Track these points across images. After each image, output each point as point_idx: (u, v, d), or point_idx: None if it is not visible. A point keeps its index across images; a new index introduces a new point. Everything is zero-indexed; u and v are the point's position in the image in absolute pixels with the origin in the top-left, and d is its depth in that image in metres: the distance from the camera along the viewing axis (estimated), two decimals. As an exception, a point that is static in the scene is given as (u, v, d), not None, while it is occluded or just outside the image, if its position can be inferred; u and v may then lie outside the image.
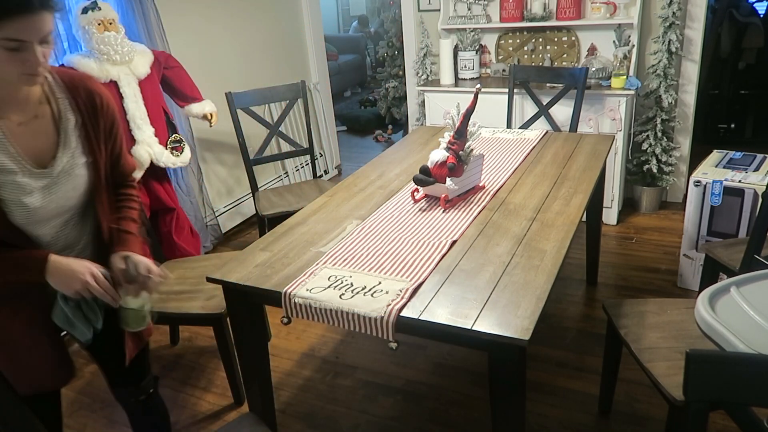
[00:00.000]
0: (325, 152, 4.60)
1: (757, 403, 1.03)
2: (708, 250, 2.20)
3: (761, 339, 1.20)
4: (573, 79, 2.98)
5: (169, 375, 2.43)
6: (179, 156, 2.74)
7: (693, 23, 3.28)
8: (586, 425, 2.00)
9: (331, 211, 1.98)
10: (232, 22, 3.59)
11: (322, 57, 4.47)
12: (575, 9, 3.37)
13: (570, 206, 1.87)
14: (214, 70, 3.46)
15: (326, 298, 1.44)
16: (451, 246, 1.68)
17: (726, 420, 1.95)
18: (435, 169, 1.94)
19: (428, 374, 2.32)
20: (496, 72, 3.80)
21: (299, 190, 3.07)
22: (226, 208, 3.71)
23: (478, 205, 1.94)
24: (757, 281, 1.40)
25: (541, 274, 1.49)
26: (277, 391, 2.25)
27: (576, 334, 2.48)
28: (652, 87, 3.29)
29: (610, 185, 3.31)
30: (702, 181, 2.51)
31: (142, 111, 2.57)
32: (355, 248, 1.69)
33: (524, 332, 1.26)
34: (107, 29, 2.45)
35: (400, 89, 5.36)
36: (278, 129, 3.08)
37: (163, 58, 2.75)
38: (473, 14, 3.69)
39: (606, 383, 1.98)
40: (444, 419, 2.09)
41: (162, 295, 2.11)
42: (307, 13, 4.23)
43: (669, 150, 3.41)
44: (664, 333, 1.68)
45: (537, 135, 2.66)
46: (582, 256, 2.85)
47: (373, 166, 2.43)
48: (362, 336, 2.56)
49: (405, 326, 1.37)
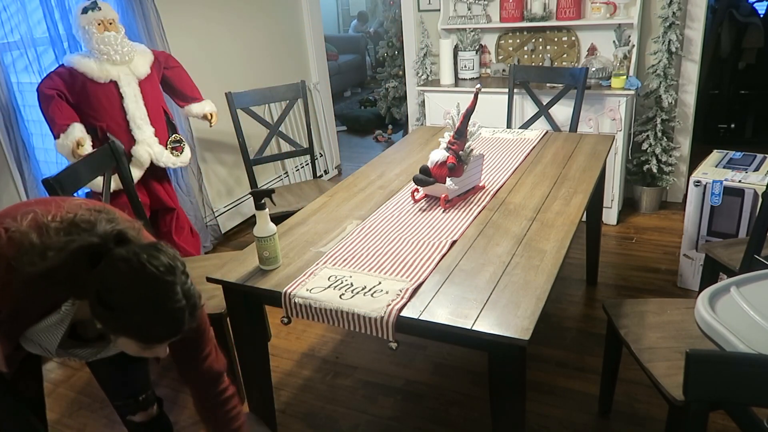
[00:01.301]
0: (325, 152, 4.60)
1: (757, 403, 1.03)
2: (708, 250, 2.20)
3: (761, 339, 1.20)
4: (573, 79, 2.98)
5: (169, 375, 2.42)
6: (179, 156, 2.74)
7: (693, 23, 3.28)
8: (586, 425, 2.00)
9: (331, 211, 1.98)
10: (232, 22, 3.59)
11: (322, 57, 4.47)
12: (575, 9, 3.37)
13: (570, 206, 1.87)
14: (214, 70, 3.46)
15: (326, 298, 1.44)
16: (451, 246, 1.68)
17: (726, 420, 1.95)
18: (435, 169, 1.94)
19: (428, 374, 2.31)
20: (496, 72, 3.80)
21: (299, 190, 3.07)
22: (226, 208, 3.71)
23: (478, 205, 1.94)
24: (757, 281, 1.41)
25: (541, 274, 1.48)
26: (277, 391, 2.24)
27: (576, 334, 2.48)
28: (652, 87, 3.29)
29: (610, 185, 3.31)
30: (702, 181, 2.51)
31: (142, 111, 2.56)
32: (355, 248, 1.68)
33: (524, 332, 1.26)
34: (107, 29, 2.44)
35: (400, 89, 5.36)
36: (278, 129, 3.08)
37: (163, 58, 2.75)
38: (473, 14, 3.69)
39: (606, 383, 1.98)
40: (444, 419, 2.09)
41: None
42: (307, 13, 4.23)
43: (669, 150, 3.41)
44: (664, 333, 1.68)
45: (537, 135, 2.66)
46: (582, 256, 2.85)
47: (373, 166, 2.43)
48: (362, 336, 2.56)
49: (405, 326, 1.37)
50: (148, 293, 1.08)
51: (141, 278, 1.07)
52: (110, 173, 2.08)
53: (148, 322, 1.09)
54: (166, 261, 1.11)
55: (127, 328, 1.09)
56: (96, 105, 2.48)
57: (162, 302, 1.08)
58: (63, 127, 2.38)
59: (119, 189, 2.22)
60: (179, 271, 1.12)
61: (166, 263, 1.10)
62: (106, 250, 1.10)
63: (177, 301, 1.09)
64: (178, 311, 1.10)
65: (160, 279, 1.08)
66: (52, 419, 2.20)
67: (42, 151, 2.67)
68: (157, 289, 1.08)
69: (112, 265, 1.08)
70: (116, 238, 1.12)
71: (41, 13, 2.53)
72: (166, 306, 1.09)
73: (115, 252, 1.09)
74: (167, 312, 1.09)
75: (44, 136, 2.56)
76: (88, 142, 2.44)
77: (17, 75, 2.54)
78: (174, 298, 1.09)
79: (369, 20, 8.42)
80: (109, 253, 1.09)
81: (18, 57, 2.55)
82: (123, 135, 2.53)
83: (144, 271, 1.08)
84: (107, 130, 2.51)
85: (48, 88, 2.39)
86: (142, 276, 1.07)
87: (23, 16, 2.50)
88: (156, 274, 1.08)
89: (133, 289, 1.07)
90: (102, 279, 1.07)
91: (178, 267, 1.13)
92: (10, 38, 2.50)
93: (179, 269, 1.13)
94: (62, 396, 2.35)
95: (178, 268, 1.13)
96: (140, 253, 1.09)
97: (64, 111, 2.40)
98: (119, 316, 1.08)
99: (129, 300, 1.07)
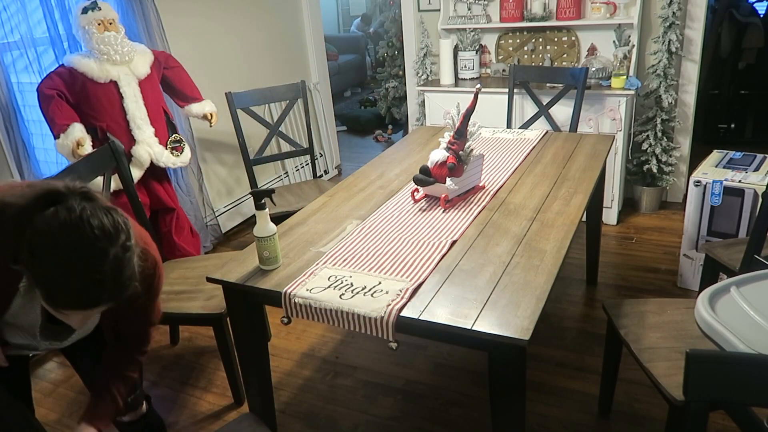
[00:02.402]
0: (325, 152, 4.60)
1: (757, 403, 1.03)
2: (708, 250, 2.20)
3: (761, 339, 1.20)
4: (573, 79, 2.98)
5: (169, 375, 2.43)
6: (179, 156, 2.74)
7: (693, 23, 3.28)
8: (586, 425, 2.00)
9: (331, 211, 1.98)
10: (232, 21, 3.59)
11: (322, 57, 4.47)
12: (575, 9, 3.37)
13: (570, 206, 1.87)
14: (214, 70, 3.46)
15: (326, 298, 1.44)
16: (451, 246, 1.68)
17: (726, 420, 1.95)
18: (435, 169, 1.94)
19: (428, 374, 2.32)
20: (496, 72, 3.80)
21: (299, 190, 3.07)
22: (226, 208, 3.71)
23: (478, 205, 1.94)
24: (757, 281, 1.41)
25: (541, 274, 1.49)
26: (277, 391, 2.25)
27: (576, 334, 2.48)
28: (652, 87, 3.29)
29: (610, 185, 3.31)
30: (702, 181, 2.51)
31: (142, 111, 2.56)
32: (355, 248, 1.68)
33: (524, 332, 1.26)
34: (107, 29, 2.44)
35: (400, 89, 5.36)
36: (278, 129, 3.08)
37: (163, 58, 2.75)
38: (473, 14, 3.69)
39: (606, 383, 1.98)
40: (444, 419, 2.09)
41: (163, 295, 2.10)
42: (307, 13, 4.23)
43: (669, 150, 3.41)
44: (664, 333, 1.68)
45: (537, 135, 2.66)
46: (582, 256, 2.85)
47: (373, 166, 2.43)
48: (362, 336, 2.56)
49: (405, 326, 1.37)
50: (71, 251, 1.00)
51: (71, 232, 1.00)
52: (110, 173, 2.08)
53: (61, 281, 1.01)
54: (108, 226, 1.03)
55: (39, 279, 1.02)
56: (96, 105, 2.48)
57: (81, 266, 1.01)
58: (63, 127, 2.38)
59: (119, 189, 2.22)
60: (117, 242, 1.04)
61: (106, 227, 1.03)
62: (63, 198, 1.04)
63: (98, 272, 1.01)
64: (95, 283, 1.02)
65: (90, 240, 1.01)
66: (52, 419, 2.20)
67: (42, 151, 2.67)
68: (82, 249, 1.01)
69: (57, 211, 1.02)
70: (82, 193, 1.07)
71: (41, 13, 2.53)
72: (83, 272, 1.01)
73: (69, 201, 1.03)
74: (82, 279, 1.01)
75: (44, 136, 2.56)
76: (88, 142, 2.44)
77: (17, 75, 2.54)
78: (95, 267, 1.01)
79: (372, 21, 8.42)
80: (63, 201, 1.04)
81: (18, 57, 2.55)
82: (123, 135, 2.53)
83: (78, 225, 1.01)
84: (107, 130, 2.51)
85: (48, 88, 2.39)
86: (74, 230, 1.00)
87: (23, 16, 2.50)
88: (88, 233, 1.01)
89: (59, 239, 1.00)
90: (42, 220, 1.01)
91: (120, 238, 1.05)
92: (10, 38, 2.50)
93: (120, 240, 1.04)
94: (62, 396, 2.35)
95: (119, 239, 1.04)
96: (88, 208, 1.03)
97: (64, 111, 2.40)
98: (36, 263, 1.01)
99: (50, 250, 1.00)
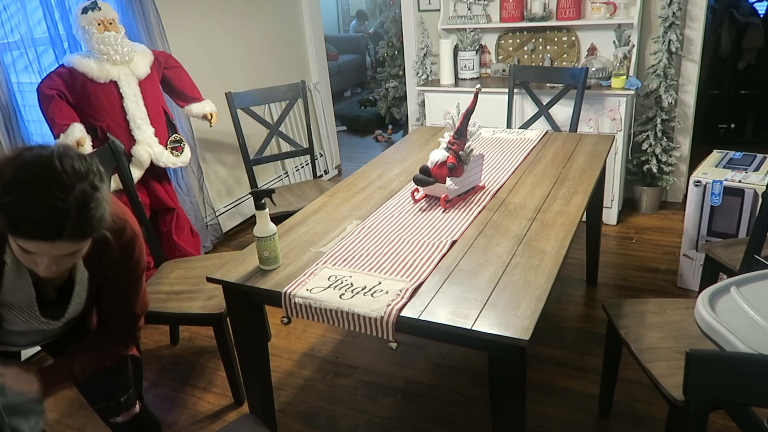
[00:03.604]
0: (325, 152, 4.60)
1: (757, 403, 1.03)
2: (708, 250, 2.20)
3: (761, 339, 1.20)
4: (573, 79, 2.98)
5: (168, 375, 2.43)
6: (179, 156, 2.74)
7: (693, 23, 3.28)
8: (586, 425, 2.00)
9: (331, 211, 1.98)
10: (232, 21, 3.59)
11: (322, 57, 4.47)
12: (575, 9, 3.37)
13: (570, 206, 1.87)
14: (214, 70, 3.46)
15: (326, 298, 1.44)
16: (451, 246, 1.67)
17: (726, 420, 1.95)
18: (435, 169, 1.94)
19: (428, 374, 2.32)
20: (496, 72, 3.80)
21: (299, 190, 3.07)
22: (226, 208, 3.71)
23: (478, 205, 1.94)
24: (757, 281, 1.40)
25: (541, 274, 1.48)
26: (277, 391, 2.25)
27: (576, 334, 2.48)
28: (652, 87, 3.29)
29: (610, 185, 3.31)
30: (702, 181, 2.51)
31: (142, 111, 2.57)
32: (355, 248, 1.68)
33: (524, 332, 1.26)
34: (107, 29, 2.45)
35: (400, 89, 5.36)
36: (278, 129, 3.08)
37: (163, 58, 2.75)
38: (473, 14, 3.69)
39: (606, 383, 1.98)
40: (444, 419, 2.09)
41: (162, 295, 2.11)
42: (307, 13, 4.23)
43: (669, 150, 3.41)
44: (664, 333, 1.68)
45: (537, 135, 2.66)
46: (582, 256, 2.85)
47: (373, 166, 2.43)
48: (362, 336, 2.56)
49: (405, 326, 1.37)
50: (37, 178, 1.05)
51: (41, 163, 1.06)
52: (110, 173, 2.08)
53: (24, 208, 1.04)
54: (80, 166, 1.08)
55: (3, 208, 1.05)
56: (96, 105, 2.48)
57: (44, 192, 1.04)
58: (63, 127, 2.38)
59: (119, 189, 2.22)
60: (86, 180, 1.09)
61: (77, 166, 1.08)
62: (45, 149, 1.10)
63: (61, 201, 1.05)
64: (58, 212, 1.05)
65: (57, 172, 1.05)
66: (52, 419, 2.20)
67: (42, 151, 2.66)
68: (48, 177, 1.05)
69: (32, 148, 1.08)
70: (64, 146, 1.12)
71: (41, 13, 2.53)
72: (47, 197, 1.04)
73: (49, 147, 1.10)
74: (45, 205, 1.04)
75: (44, 136, 2.56)
76: (88, 142, 2.44)
77: (17, 75, 2.54)
78: (59, 195, 1.05)
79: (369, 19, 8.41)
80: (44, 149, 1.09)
81: (18, 57, 2.55)
82: (123, 135, 2.53)
83: (49, 159, 1.06)
84: (107, 130, 2.51)
85: (48, 88, 2.39)
86: (44, 162, 1.06)
87: (23, 16, 2.50)
88: (56, 166, 1.06)
89: (27, 168, 1.06)
90: (15, 154, 1.08)
91: (90, 177, 1.09)
92: (10, 38, 2.50)
93: (89, 178, 1.09)
94: (62, 396, 2.34)
95: (88, 178, 1.09)
96: (64, 150, 1.09)
97: (64, 111, 2.40)
98: (2, 192, 1.05)
99: (17, 176, 1.05)
